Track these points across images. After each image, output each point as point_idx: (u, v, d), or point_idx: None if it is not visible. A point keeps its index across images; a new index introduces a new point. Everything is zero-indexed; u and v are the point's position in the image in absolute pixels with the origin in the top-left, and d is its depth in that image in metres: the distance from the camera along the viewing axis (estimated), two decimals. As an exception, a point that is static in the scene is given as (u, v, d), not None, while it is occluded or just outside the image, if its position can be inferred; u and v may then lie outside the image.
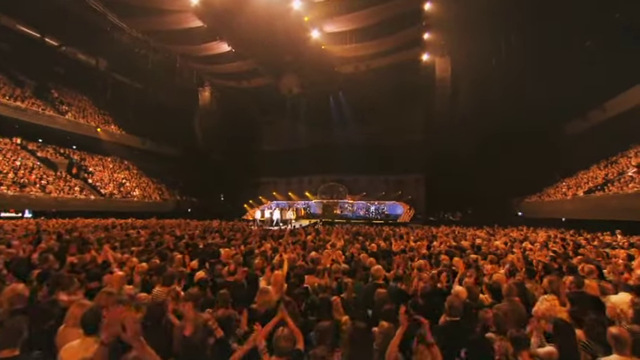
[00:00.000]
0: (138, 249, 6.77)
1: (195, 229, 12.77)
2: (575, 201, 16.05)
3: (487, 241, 9.31)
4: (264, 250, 6.99)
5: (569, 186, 18.70)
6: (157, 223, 17.43)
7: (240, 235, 10.53)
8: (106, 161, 29.89)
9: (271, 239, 9.18)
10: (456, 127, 22.68)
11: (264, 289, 3.25)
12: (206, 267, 5.20)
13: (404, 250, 7.33)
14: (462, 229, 15.49)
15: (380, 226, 17.89)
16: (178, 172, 35.03)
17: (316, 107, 29.33)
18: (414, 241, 9.39)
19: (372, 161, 27.46)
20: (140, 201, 27.22)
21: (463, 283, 3.83)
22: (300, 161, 30.46)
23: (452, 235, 10.93)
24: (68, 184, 22.57)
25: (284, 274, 5.35)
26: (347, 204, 28.26)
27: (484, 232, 13.04)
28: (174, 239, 9.12)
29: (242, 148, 32.04)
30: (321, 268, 5.42)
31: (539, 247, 7.33)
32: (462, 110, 23.07)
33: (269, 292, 3.23)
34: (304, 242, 8.03)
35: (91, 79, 29.00)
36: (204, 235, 9.61)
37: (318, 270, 5.27)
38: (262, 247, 7.54)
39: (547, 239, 8.97)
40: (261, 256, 5.89)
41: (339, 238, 10.42)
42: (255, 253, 6.67)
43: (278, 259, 5.68)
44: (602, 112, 20.28)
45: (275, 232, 12.54)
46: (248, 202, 30.02)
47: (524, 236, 10.28)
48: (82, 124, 26.83)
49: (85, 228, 12.20)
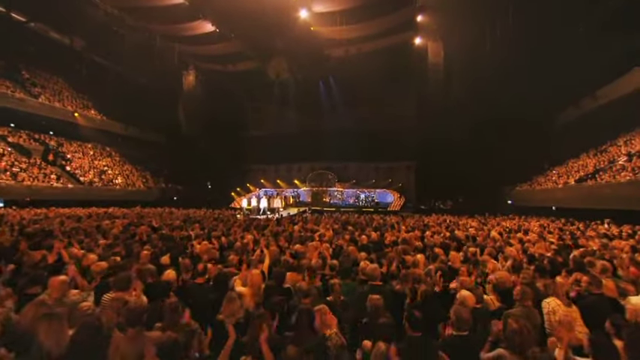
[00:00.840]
0: (105, 242, 6.14)
1: (176, 219, 12.10)
2: (567, 189, 15.95)
3: (481, 231, 8.98)
4: (246, 242, 6.44)
5: (559, 174, 18.62)
6: (137, 212, 16.65)
7: (223, 225, 9.94)
8: (86, 148, 28.56)
9: (255, 230, 8.63)
10: (448, 114, 22.25)
11: (232, 296, 2.70)
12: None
13: (396, 242, 6.90)
14: (454, 217, 15.25)
15: (370, 215, 17.53)
16: (163, 159, 33.89)
17: (305, 92, 28.40)
18: (405, 231, 8.98)
19: (362, 148, 26.92)
20: (123, 189, 26.21)
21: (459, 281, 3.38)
22: (289, 148, 29.72)
23: (444, 225, 10.58)
24: (43, 171, 21.39)
25: (266, 269, 4.85)
26: (336, 192, 27.83)
27: (476, 221, 12.78)
28: (150, 230, 8.50)
29: (229, 135, 31.02)
30: (305, 263, 4.93)
31: (536, 238, 6.99)
32: (454, 97, 22.61)
33: (237, 300, 2.68)
34: (290, 233, 7.50)
35: (66, 60, 27.22)
36: (182, 226, 8.97)
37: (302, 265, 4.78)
38: (244, 239, 6.96)
39: (542, 229, 8.67)
40: (237, 251, 5.31)
41: (327, 228, 9.97)
42: (235, 246, 6.11)
43: (258, 253, 5.13)
44: (593, 99, 20.10)
45: (261, 222, 11.99)
46: (236, 189, 29.26)
47: (517, 226, 10.00)
48: (57, 108, 25.37)
49: (56, 218, 11.40)
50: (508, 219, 13.85)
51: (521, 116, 21.62)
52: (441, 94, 23.12)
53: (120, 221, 10.94)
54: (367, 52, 23.28)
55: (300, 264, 5.00)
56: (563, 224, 10.74)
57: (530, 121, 21.91)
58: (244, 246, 6.05)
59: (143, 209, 20.99)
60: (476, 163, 21.61)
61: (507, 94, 21.50)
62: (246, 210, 18.51)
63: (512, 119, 21.83)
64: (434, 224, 11.35)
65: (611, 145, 17.52)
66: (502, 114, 21.60)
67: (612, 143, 17.59)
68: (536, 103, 21.59)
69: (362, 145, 27.01)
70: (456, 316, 2.30)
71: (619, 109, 17.66)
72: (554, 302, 2.88)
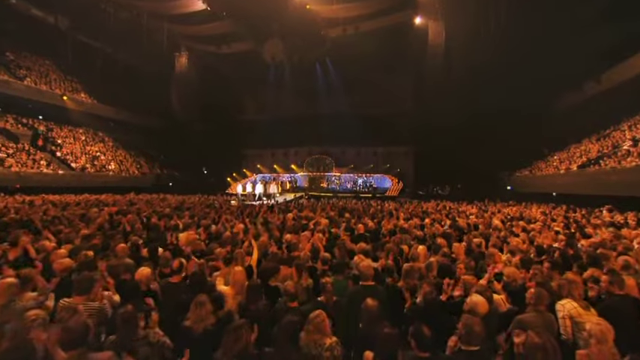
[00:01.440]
0: (85, 233, 5.76)
1: (167, 207, 11.71)
2: (569, 175, 15.61)
3: (481, 219, 8.68)
4: (235, 232, 6.08)
5: (560, 160, 18.25)
6: (128, 199, 16.24)
7: (215, 213, 9.57)
8: (77, 133, 27.83)
9: (246, 218, 8.27)
10: (447, 98, 21.69)
11: (201, 300, 2.34)
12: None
13: (394, 231, 6.57)
14: (452, 204, 14.97)
15: (368, 201, 17.22)
16: (158, 144, 33.22)
17: (302, 75, 27.62)
18: (404, 218, 8.66)
19: (360, 132, 26.36)
20: (116, 175, 25.71)
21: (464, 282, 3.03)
22: (286, 132, 29.14)
23: (444, 212, 10.26)
24: (32, 157, 20.80)
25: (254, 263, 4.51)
26: (334, 177, 27.46)
27: (476, 207, 12.48)
28: (137, 219, 8.12)
29: (225, 119, 30.28)
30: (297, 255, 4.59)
31: (540, 227, 6.67)
32: (455, 79, 21.98)
33: (206, 304, 2.32)
34: (282, 222, 7.14)
35: (52, 40, 26.12)
36: (171, 214, 8.59)
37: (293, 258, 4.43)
38: (235, 228, 6.60)
39: (544, 217, 8.37)
40: (224, 242, 4.95)
41: (323, 214, 9.63)
42: (223, 237, 5.75)
43: (246, 245, 4.78)
44: (597, 83, 19.51)
45: (255, 209, 11.64)
46: (232, 175, 28.79)
47: (519, 213, 9.70)
48: (44, 92, 24.51)
49: (43, 206, 10.98)
50: (508, 205, 13.56)
51: (521, 101, 21.11)
52: (440, 77, 22.48)
53: (108, 209, 10.56)
54: (365, 33, 22.41)
55: (292, 256, 4.68)
56: (565, 211, 10.45)
57: (530, 105, 21.39)
58: (233, 236, 5.69)
59: (137, 196, 20.63)
60: (475, 148, 21.21)
61: (508, 77, 20.91)
62: (241, 196, 18.12)
63: (512, 104, 21.30)
64: (433, 211, 11.04)
65: (615, 129, 17.09)
66: (502, 98, 21.03)
67: (616, 128, 17.17)
68: (538, 88, 21.04)
69: (360, 130, 26.47)
70: (466, 329, 1.95)
71: (623, 94, 17.17)
72: (570, 305, 2.55)
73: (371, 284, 2.98)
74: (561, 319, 2.50)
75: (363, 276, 3.01)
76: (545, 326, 2.39)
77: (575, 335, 2.40)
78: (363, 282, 3.01)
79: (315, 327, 2.22)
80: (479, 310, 2.27)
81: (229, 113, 30.70)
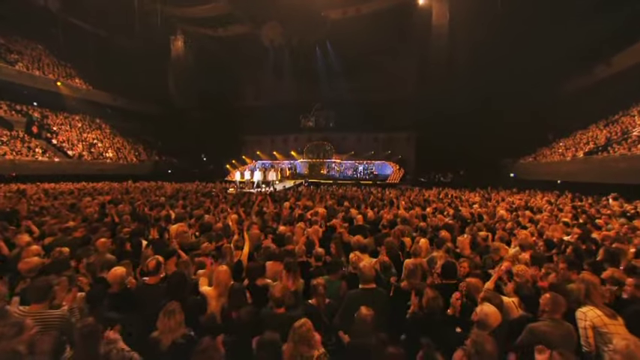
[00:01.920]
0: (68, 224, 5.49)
1: (162, 195, 11.45)
2: (575, 162, 15.18)
3: (485, 207, 8.39)
4: (227, 224, 5.80)
5: (566, 146, 17.78)
6: (125, 187, 15.99)
7: (211, 201, 9.29)
8: (74, 120, 27.37)
9: (242, 207, 7.99)
10: (451, 83, 21.08)
11: (171, 308, 2.05)
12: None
13: (394, 222, 6.27)
14: (455, 191, 14.67)
15: (368, 188, 16.94)
16: (157, 131, 32.78)
17: (301, 59, 26.86)
18: (405, 207, 8.37)
19: (360, 118, 25.86)
20: (114, 163, 25.42)
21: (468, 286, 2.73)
22: (285, 118, 28.65)
23: (447, 200, 9.95)
24: (27, 144, 20.45)
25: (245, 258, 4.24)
26: (334, 163, 27.10)
27: (478, 195, 12.17)
28: (131, 209, 7.86)
29: (223, 105, 29.70)
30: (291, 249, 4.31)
31: (547, 217, 6.37)
32: (458, 61, 21.29)
33: (176, 314, 2.04)
34: (277, 213, 6.85)
35: (43, 23, 25.32)
36: (164, 204, 8.31)
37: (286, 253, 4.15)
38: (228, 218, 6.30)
39: (551, 207, 8.05)
40: (214, 236, 4.67)
41: (322, 202, 9.34)
42: (214, 228, 5.47)
43: (237, 238, 4.49)
44: (607, 66, 18.79)
45: (252, 197, 11.37)
46: (231, 162, 28.46)
47: (524, 202, 9.38)
48: (37, 77, 23.90)
49: (35, 195, 10.73)
50: (512, 193, 13.24)
51: (526, 85, 20.49)
52: (444, 60, 21.78)
53: (103, 198, 10.30)
54: (366, 14, 21.58)
55: (285, 250, 4.40)
56: (571, 200, 10.11)
57: (536, 89, 20.76)
58: (225, 229, 5.41)
59: (134, 184, 20.42)
60: (478, 134, 20.75)
61: (513, 60, 20.24)
62: (239, 183, 17.83)
63: (517, 88, 20.71)
64: (435, 199, 10.75)
65: (624, 115, 16.53)
66: (506, 82, 20.44)
67: (625, 113, 16.60)
68: (544, 71, 20.37)
69: (360, 115, 25.99)
70: (476, 347, 1.66)
71: (633, 78, 16.52)
72: (593, 313, 2.26)
73: (372, 287, 2.69)
74: (582, 329, 2.22)
75: (363, 278, 2.72)
76: (563, 337, 2.11)
77: (599, 347, 2.13)
78: (364, 284, 2.72)
79: (301, 338, 1.96)
80: (490, 323, 1.99)
81: (228, 99, 30.11)
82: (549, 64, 20.29)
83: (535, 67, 20.73)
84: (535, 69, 20.76)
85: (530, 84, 20.89)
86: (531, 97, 21.00)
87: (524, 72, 20.83)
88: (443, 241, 4.21)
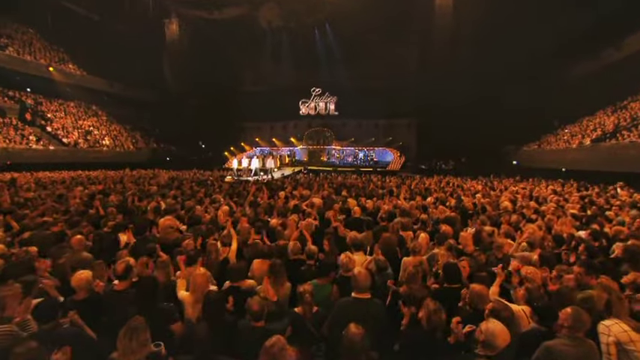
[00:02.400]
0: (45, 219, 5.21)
1: (156, 184, 11.15)
2: (581, 150, 14.75)
3: (488, 197, 8.08)
4: (218, 215, 5.51)
5: (572, 133, 17.29)
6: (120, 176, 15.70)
7: (205, 191, 8.98)
8: (69, 106, 26.86)
9: (235, 197, 7.70)
10: (454, 64, 20.45)
11: (134, 325, 1.76)
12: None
13: (393, 213, 5.97)
14: (456, 179, 14.35)
15: (368, 175, 16.64)
16: (155, 118, 32.29)
17: (300, 43, 26.06)
18: (405, 197, 8.06)
19: (361, 104, 25.32)
20: (111, 150, 25.06)
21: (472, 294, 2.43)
22: (285, 104, 28.08)
23: (448, 190, 9.62)
24: (21, 132, 20.06)
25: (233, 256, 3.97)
26: (334, 150, 26.71)
27: (481, 184, 11.84)
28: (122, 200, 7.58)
29: (221, 91, 29.00)
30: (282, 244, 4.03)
31: (553, 209, 6.06)
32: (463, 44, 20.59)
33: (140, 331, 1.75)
34: (270, 204, 6.55)
35: (33, 7, 24.49)
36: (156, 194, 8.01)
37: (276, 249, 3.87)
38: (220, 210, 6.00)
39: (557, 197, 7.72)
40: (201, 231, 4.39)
41: (320, 191, 9.02)
42: (202, 220, 5.19)
43: (225, 233, 4.20)
44: (616, 50, 18.06)
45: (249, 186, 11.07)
46: (229, 149, 28.05)
47: (529, 191, 9.05)
48: (29, 62, 23.27)
49: (25, 185, 10.45)
50: (515, 182, 12.89)
51: (532, 68, 19.84)
52: (447, 41, 21.04)
53: (94, 187, 10.01)
54: (368, -5, 20.68)
55: (275, 246, 4.12)
56: (578, 189, 9.77)
57: (541, 74, 20.10)
58: (214, 222, 5.13)
59: (132, 172, 20.14)
60: (481, 120, 20.24)
61: (519, 44, 19.53)
62: (236, 171, 17.49)
63: (522, 72, 20.05)
64: (436, 188, 10.44)
65: (632, 100, 15.98)
66: (512, 66, 19.79)
67: (634, 99, 16.04)
68: (550, 54, 19.68)
69: (361, 101, 25.49)
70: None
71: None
72: (618, 327, 1.98)
73: (366, 297, 2.40)
74: (605, 344, 1.94)
75: (357, 286, 2.43)
76: (584, 357, 1.83)
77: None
78: (357, 293, 2.43)
79: (272, 358, 1.69)
80: (498, 344, 1.70)
81: (225, 84, 29.36)
82: (556, 47, 19.57)
83: (541, 51, 20.04)
84: (541, 52, 20.08)
85: (536, 68, 20.25)
86: (537, 82, 20.39)
87: (529, 55, 20.16)
88: (445, 237, 3.92)
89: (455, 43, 20.25)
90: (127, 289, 2.50)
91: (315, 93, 28.05)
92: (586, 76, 19.52)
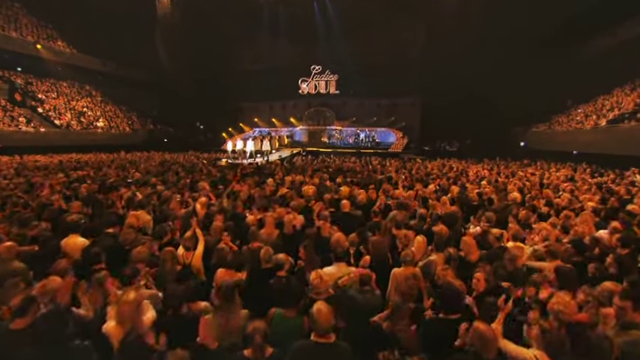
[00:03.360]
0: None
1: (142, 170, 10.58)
2: (597, 132, 13.79)
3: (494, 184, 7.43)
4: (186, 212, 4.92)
5: (586, 113, 16.24)
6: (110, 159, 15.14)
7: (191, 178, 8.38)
8: (61, 86, 26.03)
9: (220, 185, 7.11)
10: (462, 43, 19.20)
11: None
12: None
13: (388, 207, 5.36)
14: (461, 162, 13.65)
15: (368, 158, 15.98)
16: (152, 98, 31.35)
17: (299, 17, 24.62)
18: (404, 185, 7.42)
19: (362, 82, 24.27)
20: (106, 132, 24.41)
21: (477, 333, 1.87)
22: (284, 83, 27.00)
23: (451, 174, 8.91)
24: (10, 113, 19.41)
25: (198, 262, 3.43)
26: (334, 131, 25.84)
27: (486, 168, 11.11)
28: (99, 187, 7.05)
29: (217, 69, 27.87)
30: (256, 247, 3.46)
31: (567, 201, 5.40)
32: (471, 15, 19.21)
33: None
34: (250, 196, 5.95)
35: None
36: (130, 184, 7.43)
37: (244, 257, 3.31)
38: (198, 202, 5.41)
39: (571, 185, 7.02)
40: (161, 233, 3.82)
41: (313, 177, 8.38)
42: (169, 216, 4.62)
43: (189, 235, 3.63)
44: (637, 25, 16.61)
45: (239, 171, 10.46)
46: (227, 130, 27.27)
47: (539, 177, 8.35)
48: (14, 39, 22.24)
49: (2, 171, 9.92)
50: (523, 166, 12.14)
51: (543, 44, 18.47)
52: (455, 17, 19.65)
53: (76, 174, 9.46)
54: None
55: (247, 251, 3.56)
56: (592, 174, 9.02)
57: (553, 49, 18.76)
58: (182, 220, 4.55)
59: (127, 155, 19.64)
60: (488, 99, 19.21)
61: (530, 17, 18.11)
62: (231, 154, 16.81)
63: (533, 48, 18.72)
64: (438, 172, 9.77)
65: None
66: (522, 41, 18.47)
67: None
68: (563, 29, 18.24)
69: (362, 79, 24.40)
70: None
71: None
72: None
73: (328, 342, 1.83)
74: None
75: (316, 327, 1.85)
76: None
77: None
78: (317, 337, 1.86)
79: None
80: None
81: (222, 63, 28.16)
82: (570, 21, 18.12)
83: (554, 25, 18.54)
84: (554, 26, 18.57)
85: (548, 43, 18.86)
86: (548, 58, 19.08)
87: (541, 30, 18.70)
88: (441, 241, 3.32)
89: (463, 16, 18.85)
90: (25, 329, 1.93)
91: (315, 71, 26.84)
92: (603, 51, 18.16)
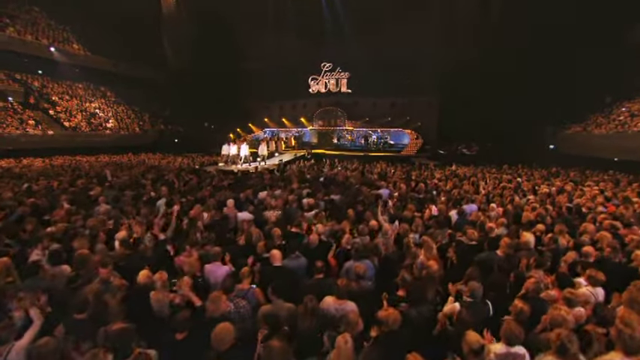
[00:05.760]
0: None
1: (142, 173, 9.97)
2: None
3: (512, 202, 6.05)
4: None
5: (631, 113, 14.07)
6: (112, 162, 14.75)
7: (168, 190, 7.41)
8: (77, 88, 26.44)
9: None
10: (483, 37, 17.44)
11: None
12: None
13: (346, 254, 4.08)
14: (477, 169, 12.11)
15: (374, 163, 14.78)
16: (165, 98, 31.36)
17: (307, 13, 23.55)
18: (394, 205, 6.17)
19: (376, 80, 22.80)
20: (114, 134, 24.42)
21: None
22: (294, 82, 26.10)
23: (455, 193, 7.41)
24: (19, 117, 19.62)
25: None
26: (345, 131, 24.62)
27: (506, 178, 9.50)
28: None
29: (225, 68, 27.22)
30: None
31: (609, 240, 4.00)
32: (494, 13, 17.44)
33: None
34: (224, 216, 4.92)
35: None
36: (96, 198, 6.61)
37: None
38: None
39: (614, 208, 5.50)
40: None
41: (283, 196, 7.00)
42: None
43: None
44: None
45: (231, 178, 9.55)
46: (235, 130, 26.61)
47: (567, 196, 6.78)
48: (30, 43, 22.61)
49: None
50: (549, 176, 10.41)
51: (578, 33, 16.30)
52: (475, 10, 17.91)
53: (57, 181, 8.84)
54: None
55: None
56: (638, 194, 7.25)
57: (591, 40, 16.47)
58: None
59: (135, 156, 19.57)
60: (513, 97, 17.28)
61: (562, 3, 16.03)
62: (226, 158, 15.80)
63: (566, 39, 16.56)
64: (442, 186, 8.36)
65: None
66: (552, 31, 16.40)
67: None
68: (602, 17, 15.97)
69: (375, 77, 22.94)
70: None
71: None
72: None
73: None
74: None
75: None
76: None
77: None
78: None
79: None
80: None
81: (230, 61, 27.47)
82: (611, 6, 15.80)
83: (591, 12, 16.17)
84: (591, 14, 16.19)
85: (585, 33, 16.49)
86: (585, 50, 16.74)
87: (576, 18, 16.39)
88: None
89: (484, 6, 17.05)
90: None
91: (325, 68, 25.68)
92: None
